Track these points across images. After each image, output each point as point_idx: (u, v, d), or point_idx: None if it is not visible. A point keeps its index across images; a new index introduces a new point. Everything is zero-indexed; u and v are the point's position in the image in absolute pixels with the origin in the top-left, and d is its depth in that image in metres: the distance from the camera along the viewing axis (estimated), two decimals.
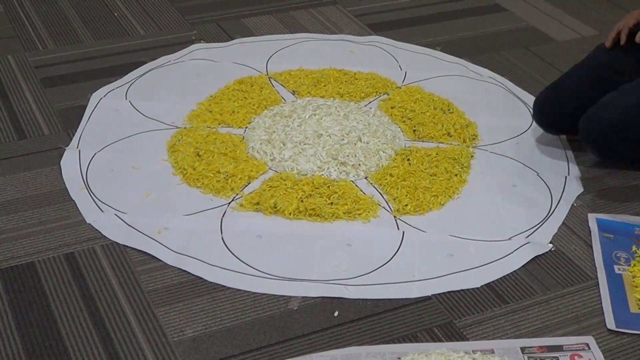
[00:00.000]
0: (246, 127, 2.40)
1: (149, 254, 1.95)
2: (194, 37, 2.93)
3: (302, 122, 2.37)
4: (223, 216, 2.07)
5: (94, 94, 2.55)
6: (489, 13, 3.19)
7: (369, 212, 2.10)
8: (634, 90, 2.16)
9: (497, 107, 2.59)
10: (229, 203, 2.12)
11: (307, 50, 2.87)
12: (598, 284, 1.90)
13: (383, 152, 2.28)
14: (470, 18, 3.17)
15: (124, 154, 2.28)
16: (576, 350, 1.73)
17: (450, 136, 2.39)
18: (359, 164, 2.23)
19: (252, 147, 2.30)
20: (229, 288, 1.87)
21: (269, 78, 2.66)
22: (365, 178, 2.22)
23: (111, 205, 2.09)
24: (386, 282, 1.90)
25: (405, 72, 2.74)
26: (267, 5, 3.19)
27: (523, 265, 1.96)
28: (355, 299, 1.85)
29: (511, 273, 1.94)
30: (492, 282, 1.92)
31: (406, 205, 2.12)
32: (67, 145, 2.31)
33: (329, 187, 2.15)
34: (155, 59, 2.76)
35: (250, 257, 1.95)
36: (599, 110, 2.16)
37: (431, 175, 2.21)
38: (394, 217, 2.09)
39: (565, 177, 2.27)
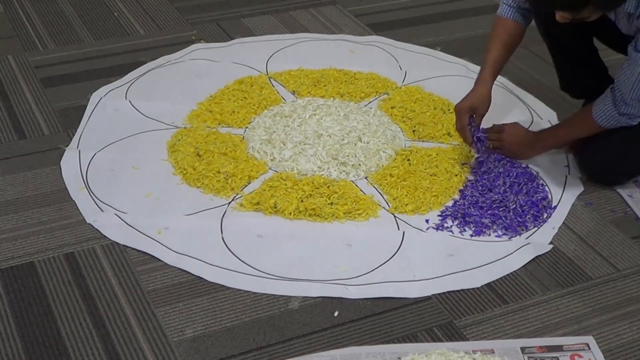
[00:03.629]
0: (246, 127, 2.40)
1: (149, 254, 1.95)
2: (194, 37, 2.93)
3: (302, 122, 2.37)
4: (223, 216, 2.07)
5: (94, 94, 2.55)
6: (489, 13, 3.18)
7: (369, 212, 2.10)
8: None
9: (497, 107, 2.58)
10: (229, 203, 2.11)
11: (307, 50, 2.87)
12: None
13: (383, 152, 2.28)
14: (470, 18, 3.17)
15: (124, 154, 2.28)
16: (576, 350, 1.72)
17: (450, 136, 2.39)
18: (359, 164, 2.23)
19: (252, 147, 2.29)
20: (229, 288, 1.87)
21: (269, 78, 2.66)
22: (366, 178, 2.22)
23: (111, 205, 2.09)
24: (386, 282, 1.90)
25: (405, 72, 2.73)
26: (267, 5, 3.19)
27: (523, 265, 1.96)
28: (355, 299, 1.85)
29: (511, 273, 1.94)
30: (492, 282, 1.91)
31: (407, 204, 2.12)
32: (67, 145, 2.31)
33: (329, 187, 2.15)
34: (155, 59, 2.76)
35: (250, 257, 1.95)
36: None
37: (431, 175, 2.21)
38: (393, 215, 2.09)
39: (566, 177, 2.27)
